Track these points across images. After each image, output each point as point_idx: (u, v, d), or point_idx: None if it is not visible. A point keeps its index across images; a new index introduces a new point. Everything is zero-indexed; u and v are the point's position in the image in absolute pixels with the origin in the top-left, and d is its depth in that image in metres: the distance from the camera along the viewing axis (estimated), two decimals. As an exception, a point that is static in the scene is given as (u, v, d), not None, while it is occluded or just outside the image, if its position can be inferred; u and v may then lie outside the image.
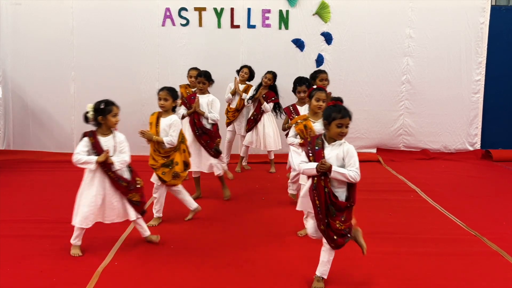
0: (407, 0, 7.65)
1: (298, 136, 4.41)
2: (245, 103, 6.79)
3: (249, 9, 7.59)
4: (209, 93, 5.46)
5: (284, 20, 7.65)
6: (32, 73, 7.52)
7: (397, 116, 7.91)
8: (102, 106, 3.78)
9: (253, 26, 7.65)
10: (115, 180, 3.87)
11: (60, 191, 5.52)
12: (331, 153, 3.26)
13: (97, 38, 7.56)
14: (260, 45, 7.67)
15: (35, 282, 3.55)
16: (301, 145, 4.29)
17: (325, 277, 3.35)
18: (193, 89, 6.19)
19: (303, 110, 5.16)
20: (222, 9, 7.57)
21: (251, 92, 6.80)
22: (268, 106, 6.67)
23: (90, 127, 3.91)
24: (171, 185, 4.67)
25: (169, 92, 4.57)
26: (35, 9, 7.49)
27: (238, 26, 7.65)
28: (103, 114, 3.80)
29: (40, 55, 7.57)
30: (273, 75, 6.77)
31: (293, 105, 5.30)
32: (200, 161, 5.34)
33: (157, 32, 7.59)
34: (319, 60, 7.72)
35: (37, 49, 7.57)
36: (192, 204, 4.81)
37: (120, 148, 3.92)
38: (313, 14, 7.65)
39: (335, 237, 3.17)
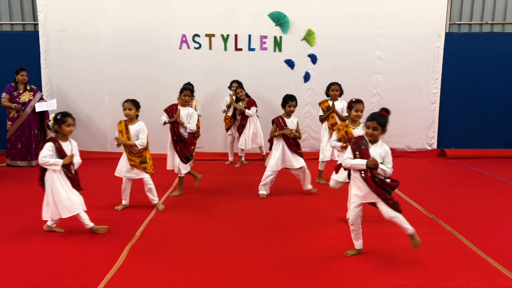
0: (377, 28, 7.60)
1: (340, 141, 4.33)
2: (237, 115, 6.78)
3: (249, 35, 7.60)
4: (190, 106, 5.26)
5: (278, 44, 7.65)
6: (74, 87, 7.56)
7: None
8: (58, 117, 3.72)
9: (253, 49, 7.66)
10: (71, 179, 3.79)
11: (97, 182, 5.49)
12: (375, 151, 3.34)
13: (126, 59, 7.57)
14: (258, 65, 7.66)
15: (79, 255, 3.53)
16: (343, 148, 4.23)
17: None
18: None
19: (289, 122, 5.10)
20: (228, 35, 7.59)
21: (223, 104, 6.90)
22: (251, 111, 6.63)
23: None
24: (151, 173, 4.58)
25: (132, 103, 4.45)
26: (76, 35, 7.51)
27: (241, 49, 7.66)
28: (59, 124, 3.72)
29: (80, 72, 7.58)
30: (238, 84, 6.77)
31: (281, 117, 5.14)
32: (174, 162, 5.16)
33: (175, 54, 7.61)
34: (306, 76, 7.73)
35: (78, 67, 7.58)
36: (156, 199, 4.65)
37: (75, 152, 3.85)
38: (302, 39, 7.66)
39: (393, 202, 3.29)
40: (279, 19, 7.55)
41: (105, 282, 2.98)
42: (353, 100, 4.38)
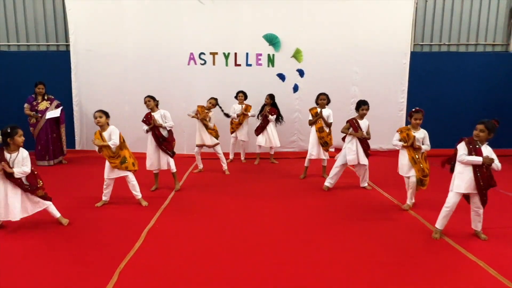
0: (354, 47, 7.75)
1: (401, 141, 4.44)
2: (257, 117, 7.03)
3: (247, 53, 7.77)
4: (158, 109, 5.15)
5: (271, 60, 7.82)
6: (98, 98, 7.58)
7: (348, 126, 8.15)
8: (9, 130, 3.56)
9: (250, 65, 7.81)
10: (18, 183, 3.60)
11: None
12: (485, 151, 3.47)
13: (142, 73, 7.68)
14: (254, 78, 7.76)
15: (102, 235, 3.67)
16: (404, 147, 4.38)
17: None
18: (206, 110, 6.19)
19: (362, 123, 5.21)
20: (228, 53, 7.75)
21: (255, 110, 7.06)
22: (272, 117, 6.90)
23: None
24: (134, 171, 4.52)
25: (102, 112, 4.38)
26: (101, 54, 7.63)
27: (239, 65, 7.80)
28: (11, 136, 3.55)
29: (104, 84, 7.71)
30: (270, 96, 7.00)
31: (355, 119, 5.22)
32: (159, 162, 5.10)
33: (184, 69, 7.73)
34: (295, 88, 7.90)
35: (102, 81, 7.71)
36: (139, 195, 4.59)
37: (24, 162, 3.63)
38: (291, 57, 7.82)
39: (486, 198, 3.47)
40: (272, 40, 7.73)
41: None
42: (413, 110, 4.44)
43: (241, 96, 7.13)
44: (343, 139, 5.42)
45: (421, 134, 4.46)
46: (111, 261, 3.10)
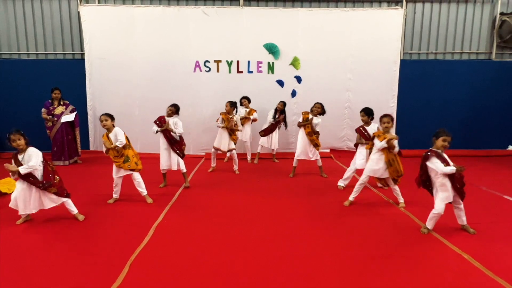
0: (348, 55, 7.75)
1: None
2: (271, 122, 7.01)
3: (249, 61, 7.79)
4: (175, 116, 5.18)
5: (271, 68, 7.82)
6: (111, 102, 7.64)
7: (342, 129, 8.10)
8: (7, 137, 3.60)
9: (251, 72, 7.82)
10: (31, 181, 3.65)
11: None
12: (446, 159, 3.48)
13: (151, 80, 7.70)
14: (256, 84, 7.78)
15: (114, 230, 3.66)
16: (382, 150, 4.25)
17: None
18: (230, 116, 6.15)
19: (369, 128, 5.03)
20: (231, 61, 7.76)
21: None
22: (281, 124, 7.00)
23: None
24: (138, 170, 4.46)
25: (107, 115, 4.36)
26: (114, 62, 7.59)
27: (242, 72, 7.80)
28: (10, 143, 3.60)
29: (116, 90, 7.72)
30: (283, 104, 7.05)
31: (362, 127, 5.06)
32: (170, 162, 5.09)
33: (190, 76, 7.74)
34: (293, 93, 7.90)
35: (114, 87, 7.72)
36: (144, 192, 4.57)
37: (29, 158, 3.62)
38: (289, 64, 7.83)
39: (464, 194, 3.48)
40: (272, 49, 7.75)
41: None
42: (382, 115, 4.31)
43: (245, 101, 7.15)
44: (356, 146, 5.26)
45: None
46: (122, 254, 3.12)
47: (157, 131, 5.08)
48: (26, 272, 2.86)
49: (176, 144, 5.09)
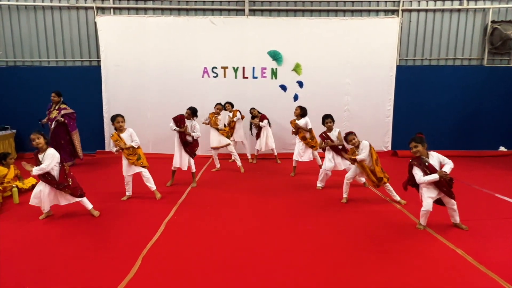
0: (346, 62, 7.73)
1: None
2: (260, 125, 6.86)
3: (253, 67, 7.78)
4: (192, 119, 5.14)
5: (274, 73, 7.81)
6: (124, 105, 7.65)
7: (341, 131, 8.09)
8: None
9: (256, 77, 7.81)
10: (47, 181, 3.68)
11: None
12: (434, 160, 3.36)
13: (163, 85, 7.72)
14: (260, 89, 7.78)
15: (127, 225, 3.64)
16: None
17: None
18: (215, 115, 6.20)
19: (331, 134, 5.06)
20: (237, 67, 7.76)
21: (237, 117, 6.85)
22: (264, 123, 6.85)
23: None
24: (147, 166, 4.45)
25: (123, 117, 4.35)
26: (127, 69, 7.67)
27: (247, 77, 7.80)
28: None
29: (129, 95, 7.75)
30: (253, 108, 7.03)
31: (325, 132, 5.08)
32: (182, 162, 5.07)
33: (199, 81, 7.75)
34: (295, 97, 7.86)
35: (128, 92, 7.75)
36: (153, 187, 4.55)
37: (43, 160, 3.67)
38: (292, 70, 7.82)
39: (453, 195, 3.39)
40: (275, 55, 7.74)
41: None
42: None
43: (229, 105, 6.99)
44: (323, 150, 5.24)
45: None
46: (135, 247, 3.13)
47: (174, 129, 5.03)
48: (47, 262, 2.89)
49: (188, 146, 5.07)
